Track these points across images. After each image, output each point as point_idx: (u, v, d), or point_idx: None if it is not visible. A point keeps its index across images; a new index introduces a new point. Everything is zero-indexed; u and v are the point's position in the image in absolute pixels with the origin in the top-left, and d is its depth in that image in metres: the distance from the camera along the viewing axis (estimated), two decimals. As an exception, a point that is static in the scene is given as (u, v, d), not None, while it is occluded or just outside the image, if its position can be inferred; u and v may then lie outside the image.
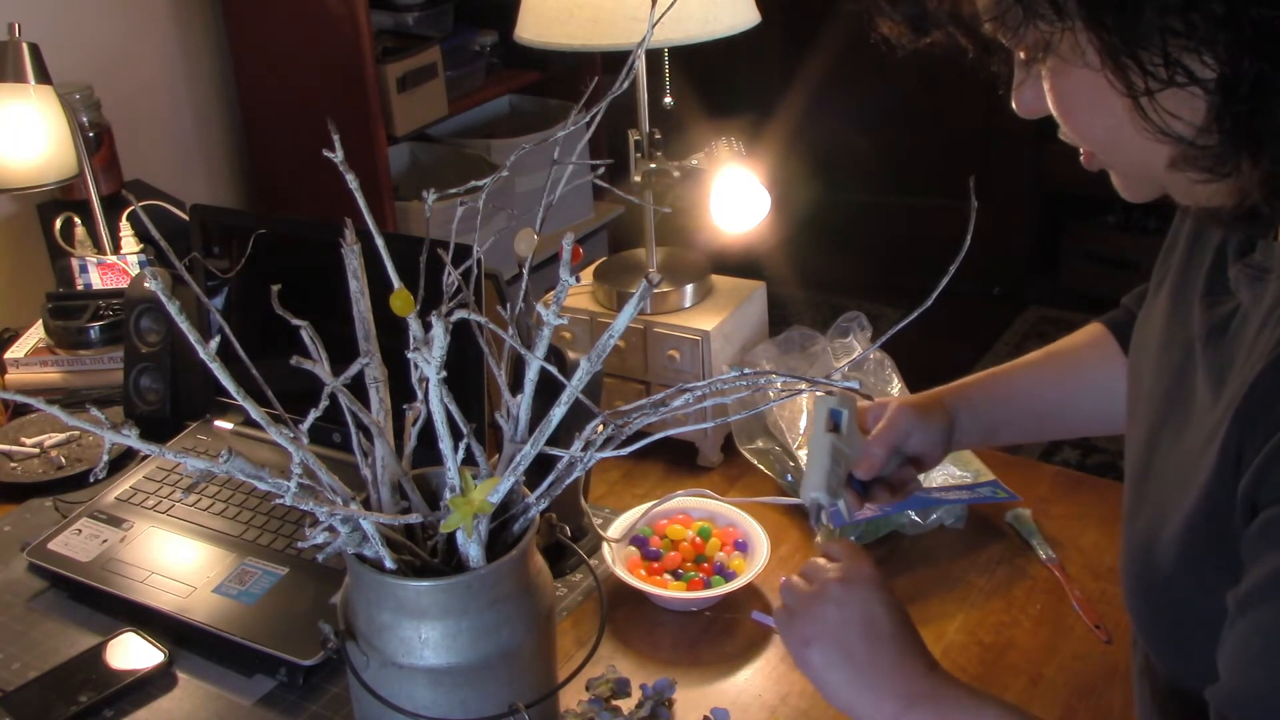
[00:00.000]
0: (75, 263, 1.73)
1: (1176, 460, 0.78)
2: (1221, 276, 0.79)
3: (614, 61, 2.72)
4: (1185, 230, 0.87)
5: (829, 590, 0.87)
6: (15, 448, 1.47)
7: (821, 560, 0.91)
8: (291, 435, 0.82)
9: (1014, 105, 0.77)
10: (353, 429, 0.87)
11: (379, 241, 0.84)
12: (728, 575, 1.19)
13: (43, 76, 1.70)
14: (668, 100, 1.45)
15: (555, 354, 1.16)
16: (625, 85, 0.85)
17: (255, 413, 0.82)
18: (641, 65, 1.37)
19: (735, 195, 1.35)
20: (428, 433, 0.88)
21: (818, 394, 1.03)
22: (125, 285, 1.62)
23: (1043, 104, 0.75)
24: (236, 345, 0.85)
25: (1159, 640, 0.81)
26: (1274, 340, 0.69)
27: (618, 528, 1.24)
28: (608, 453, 0.85)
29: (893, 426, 1.05)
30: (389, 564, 0.85)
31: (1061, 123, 0.74)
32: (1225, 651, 0.69)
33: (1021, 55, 0.74)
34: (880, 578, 0.89)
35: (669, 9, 1.19)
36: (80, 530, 1.28)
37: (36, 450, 1.46)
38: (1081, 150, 0.77)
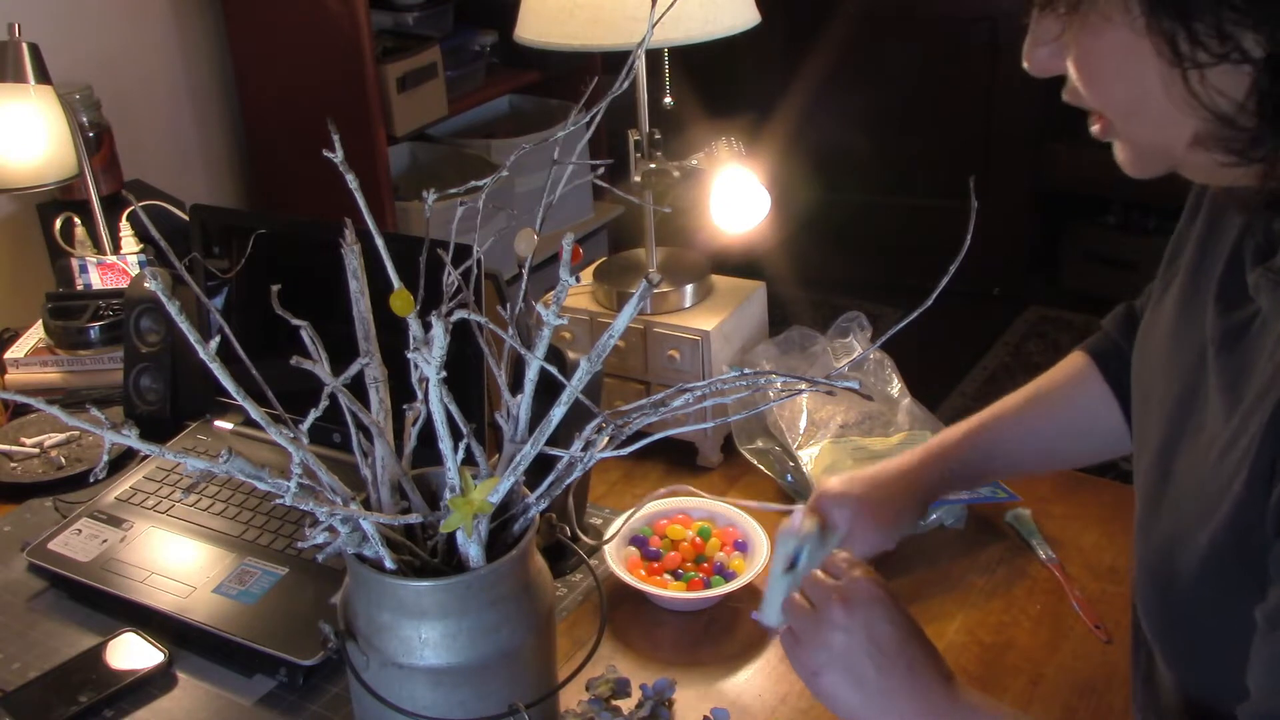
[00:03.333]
0: (75, 263, 1.73)
1: (1193, 468, 0.77)
2: (1238, 281, 0.77)
3: (614, 61, 2.72)
4: (1195, 234, 0.85)
5: (832, 615, 0.85)
6: (15, 448, 1.47)
7: (821, 575, 0.89)
8: (291, 435, 0.82)
9: (1025, 61, 0.72)
10: (353, 429, 0.87)
11: (379, 241, 0.84)
12: (728, 575, 1.19)
13: (43, 76, 1.70)
14: (668, 100, 1.45)
15: (555, 354, 1.15)
16: (625, 85, 0.85)
17: (255, 413, 0.82)
18: (641, 65, 1.37)
19: (735, 195, 1.35)
20: (428, 433, 0.88)
21: (781, 528, 1.00)
22: (125, 285, 1.62)
23: (1058, 63, 0.71)
24: (236, 345, 0.85)
25: (1174, 650, 0.80)
26: None
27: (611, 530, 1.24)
28: (608, 453, 0.85)
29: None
30: (389, 564, 0.85)
31: (1081, 85, 0.70)
32: (1255, 669, 0.68)
33: (1052, 6, 0.70)
34: (881, 591, 0.86)
35: (669, 9, 1.19)
36: (80, 530, 1.28)
37: (36, 450, 1.46)
38: (1093, 118, 0.73)
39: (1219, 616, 0.73)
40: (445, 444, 0.85)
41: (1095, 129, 0.73)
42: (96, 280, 1.73)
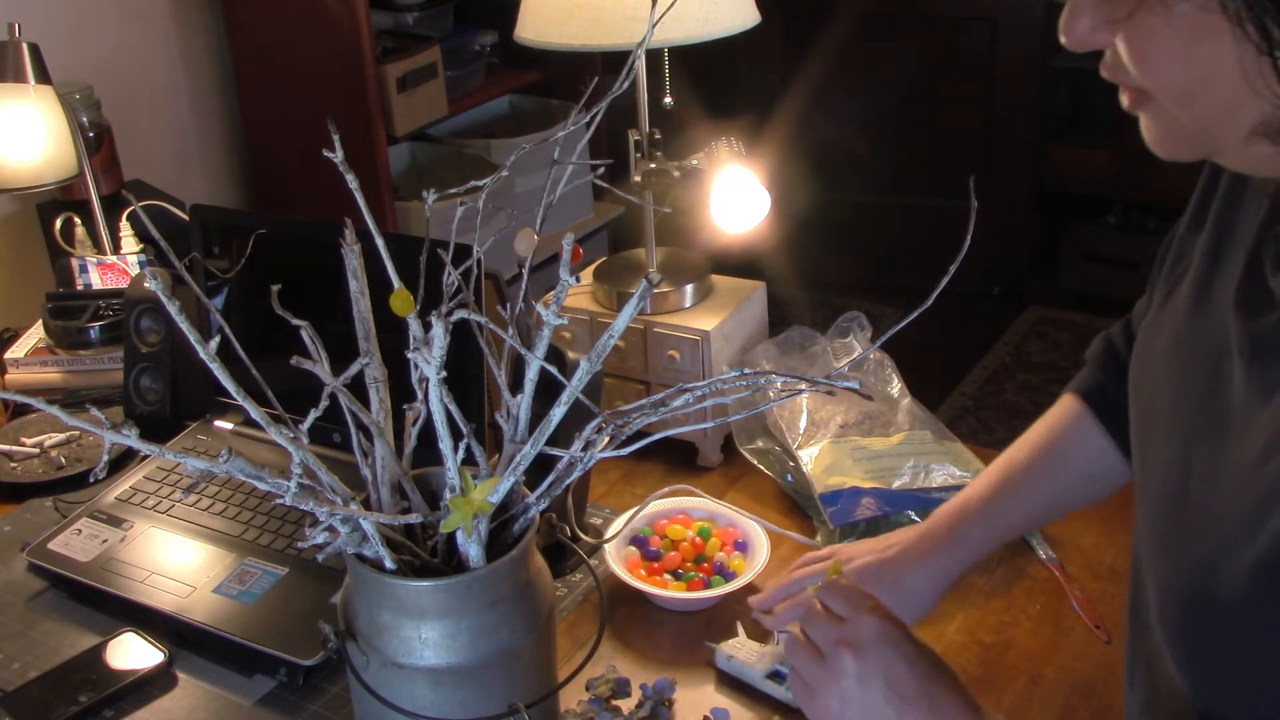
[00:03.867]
0: (75, 263, 1.73)
1: (1223, 484, 0.73)
2: (1259, 288, 0.74)
3: (614, 61, 2.72)
4: (1201, 243, 0.83)
5: (843, 664, 0.80)
6: (15, 448, 1.47)
7: (821, 612, 0.84)
8: (291, 435, 0.82)
9: (1062, 34, 0.67)
10: (353, 429, 0.87)
11: (379, 241, 0.84)
12: (728, 575, 1.19)
13: (43, 76, 1.70)
14: (668, 100, 1.45)
15: (555, 354, 1.16)
16: (625, 85, 0.85)
17: (255, 413, 0.82)
18: (641, 65, 1.37)
19: (735, 195, 1.35)
20: (428, 433, 0.88)
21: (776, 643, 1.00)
22: (125, 285, 1.62)
23: (1101, 37, 0.66)
24: (236, 345, 0.85)
25: (1206, 672, 0.76)
26: None
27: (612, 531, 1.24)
28: (608, 453, 0.85)
29: None
30: (389, 564, 0.85)
31: (1132, 64, 0.65)
32: None
33: None
34: (893, 629, 0.81)
35: (669, 9, 1.19)
36: (80, 530, 1.29)
37: (36, 450, 1.46)
38: (1124, 90, 0.68)
39: (1268, 638, 0.69)
40: (445, 444, 0.85)
41: (1125, 101, 0.69)
42: (96, 280, 1.73)
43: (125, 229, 1.82)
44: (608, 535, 1.22)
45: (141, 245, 1.82)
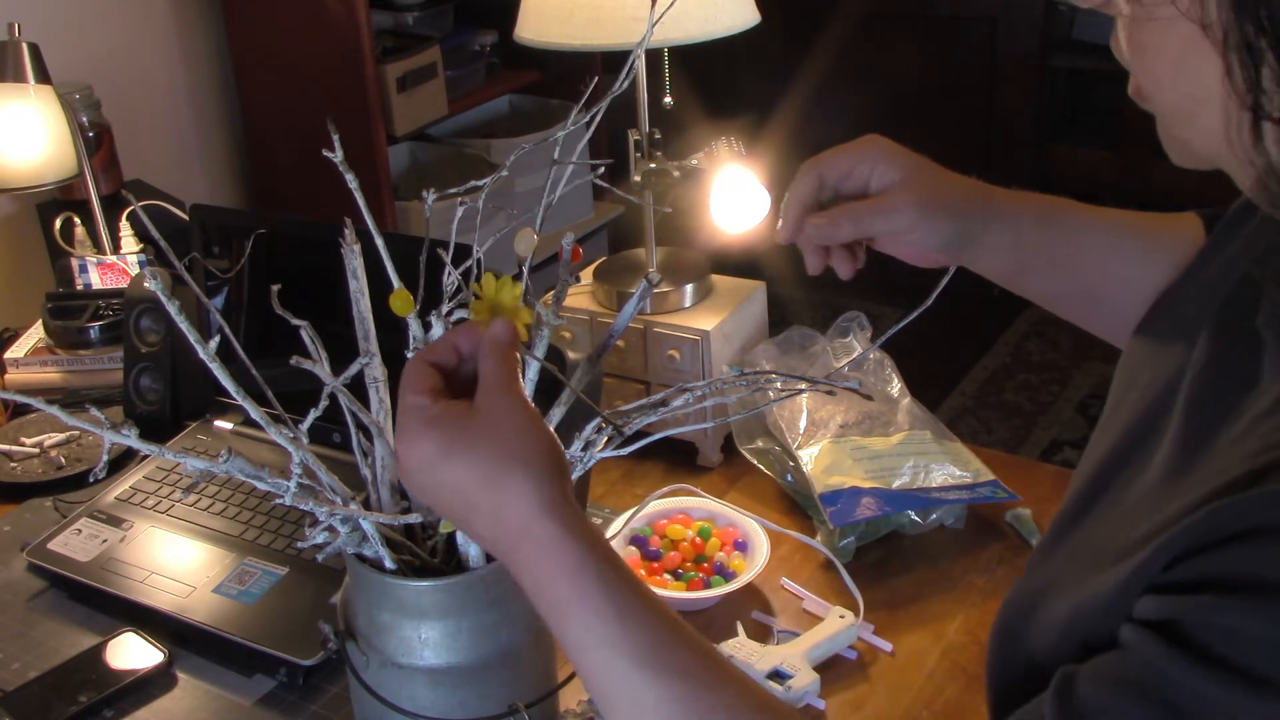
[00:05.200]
0: (75, 263, 1.73)
1: (1121, 511, 0.67)
2: (1240, 314, 0.65)
3: (614, 61, 2.71)
4: (1221, 259, 0.75)
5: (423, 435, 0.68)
6: (15, 448, 1.47)
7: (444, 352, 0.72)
8: (291, 435, 0.82)
9: None
10: (353, 429, 0.87)
11: (379, 241, 0.84)
12: (728, 575, 1.19)
13: (43, 76, 1.70)
14: (668, 100, 1.45)
15: (555, 354, 1.16)
16: (625, 85, 0.85)
17: (255, 413, 0.82)
18: (641, 65, 1.37)
19: (735, 195, 1.35)
20: (428, 433, 0.88)
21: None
22: (125, 285, 1.62)
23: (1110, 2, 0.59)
24: (236, 345, 0.85)
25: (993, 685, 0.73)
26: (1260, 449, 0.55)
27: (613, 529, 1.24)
28: (608, 453, 0.85)
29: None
30: (389, 564, 0.85)
31: (1129, 53, 0.59)
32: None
33: None
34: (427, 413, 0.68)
35: (669, 9, 1.19)
36: (80, 530, 1.28)
37: (36, 450, 1.46)
38: (1133, 80, 0.61)
39: (1045, 674, 0.61)
40: (445, 444, 0.85)
41: (1132, 90, 0.62)
42: (96, 280, 1.73)
43: (125, 229, 1.82)
44: (608, 535, 1.22)
45: (141, 245, 1.82)
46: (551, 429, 0.69)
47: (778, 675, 1.06)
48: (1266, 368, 0.60)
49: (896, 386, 1.41)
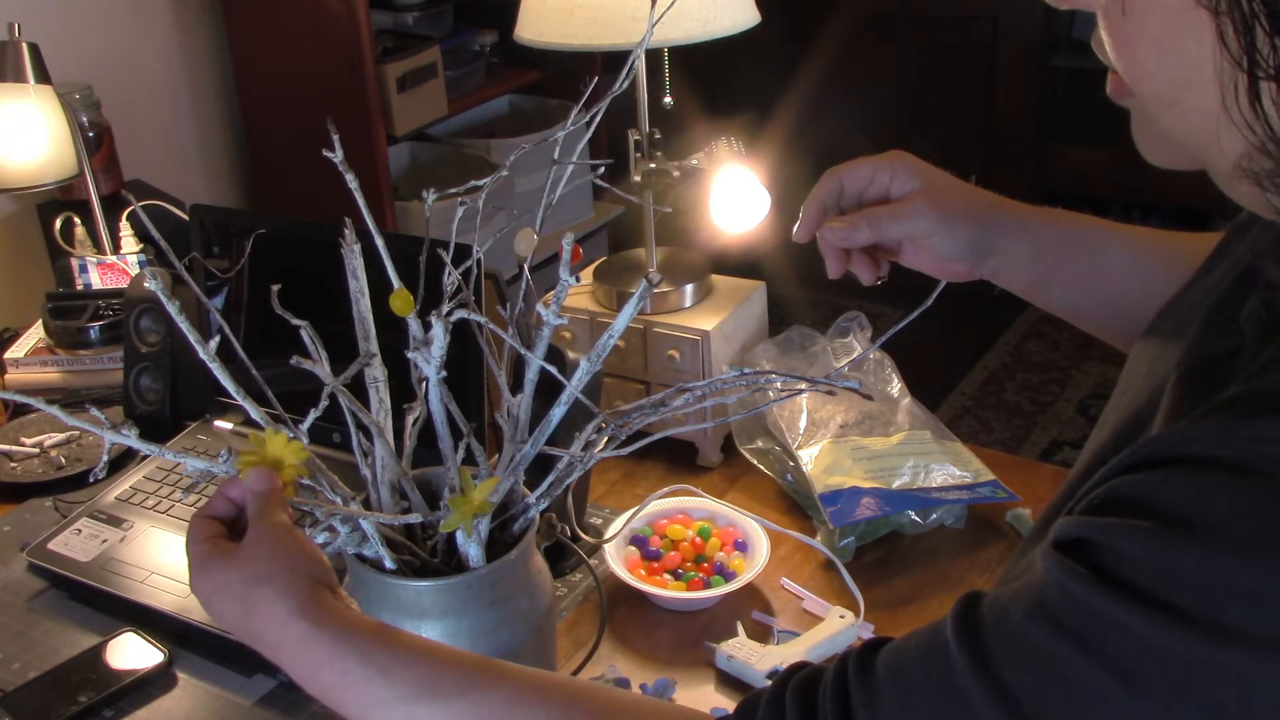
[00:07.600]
0: (75, 262, 1.73)
1: None
2: (1228, 312, 0.65)
3: (614, 61, 2.72)
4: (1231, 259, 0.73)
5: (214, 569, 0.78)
6: (15, 448, 1.47)
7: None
8: (291, 435, 0.82)
9: None
10: (353, 429, 0.87)
11: (379, 241, 0.84)
12: (728, 575, 1.19)
13: (43, 76, 1.70)
14: (668, 100, 1.45)
15: (555, 354, 1.16)
16: (625, 85, 0.85)
17: (255, 413, 0.82)
18: (641, 65, 1.37)
19: (735, 195, 1.35)
20: (428, 433, 0.88)
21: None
22: (125, 285, 1.62)
23: None
24: (236, 345, 0.85)
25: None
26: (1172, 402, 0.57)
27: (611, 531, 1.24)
28: (608, 453, 0.85)
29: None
30: (389, 564, 0.85)
31: (1108, 40, 0.58)
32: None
33: None
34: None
35: (669, 9, 1.19)
36: (80, 530, 1.29)
37: (36, 450, 1.46)
38: (1111, 74, 0.60)
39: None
40: (445, 444, 0.85)
41: (1109, 86, 0.60)
42: (96, 280, 1.73)
43: (125, 229, 1.82)
44: (608, 535, 1.22)
45: (141, 245, 1.82)
46: (314, 541, 0.81)
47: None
48: (1241, 366, 0.59)
49: (896, 386, 1.41)
